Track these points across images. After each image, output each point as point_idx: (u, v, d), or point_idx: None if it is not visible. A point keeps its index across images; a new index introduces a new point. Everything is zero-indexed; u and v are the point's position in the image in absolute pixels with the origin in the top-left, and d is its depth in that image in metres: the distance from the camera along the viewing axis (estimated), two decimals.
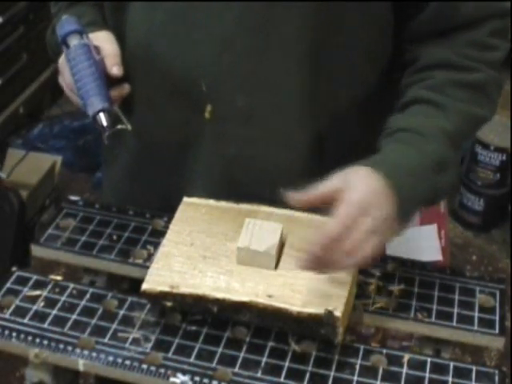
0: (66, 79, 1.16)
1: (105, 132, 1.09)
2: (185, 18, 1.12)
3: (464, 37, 1.14)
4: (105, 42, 1.16)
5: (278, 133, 1.16)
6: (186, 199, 1.17)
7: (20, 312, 1.08)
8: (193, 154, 1.19)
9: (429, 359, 1.04)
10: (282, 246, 1.07)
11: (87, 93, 1.08)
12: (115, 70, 1.14)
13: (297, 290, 1.02)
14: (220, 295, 1.02)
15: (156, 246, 1.15)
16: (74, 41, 1.11)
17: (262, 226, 1.08)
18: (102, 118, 1.07)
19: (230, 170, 1.18)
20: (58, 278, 1.14)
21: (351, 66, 1.15)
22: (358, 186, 0.98)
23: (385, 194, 1.00)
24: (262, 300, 1.01)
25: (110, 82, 1.14)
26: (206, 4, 1.10)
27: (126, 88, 1.17)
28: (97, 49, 1.13)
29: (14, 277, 1.14)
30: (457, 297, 1.12)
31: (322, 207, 1.01)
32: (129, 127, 1.11)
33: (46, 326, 1.06)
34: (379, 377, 1.01)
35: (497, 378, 1.01)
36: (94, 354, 1.02)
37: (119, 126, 1.10)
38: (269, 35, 1.10)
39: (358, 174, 1.00)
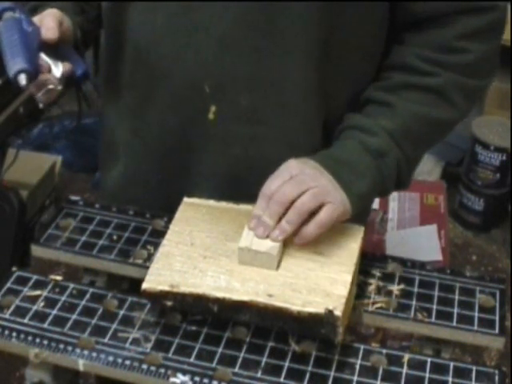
0: None
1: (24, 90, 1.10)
2: (185, 20, 1.12)
3: (431, 37, 1.14)
4: (46, 15, 1.14)
5: (282, 131, 1.16)
6: (186, 199, 1.17)
7: (20, 312, 1.08)
8: (197, 155, 1.19)
9: (429, 359, 1.04)
10: (283, 245, 1.07)
11: (11, 55, 1.08)
12: (49, 33, 1.12)
13: (297, 290, 1.02)
14: (220, 294, 1.02)
15: (156, 246, 1.15)
16: (5, 17, 1.11)
17: None
18: (22, 78, 1.07)
19: (235, 170, 1.18)
20: (58, 277, 1.14)
21: (352, 62, 1.16)
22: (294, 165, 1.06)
23: (319, 171, 1.06)
24: (262, 299, 1.01)
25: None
26: (205, 5, 1.10)
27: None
28: (31, 22, 1.12)
29: (13, 277, 1.14)
30: (457, 297, 1.12)
31: None
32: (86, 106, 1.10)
33: (46, 326, 1.06)
34: (379, 377, 1.01)
35: (497, 378, 1.01)
36: (94, 354, 1.02)
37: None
38: (269, 34, 1.10)
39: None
